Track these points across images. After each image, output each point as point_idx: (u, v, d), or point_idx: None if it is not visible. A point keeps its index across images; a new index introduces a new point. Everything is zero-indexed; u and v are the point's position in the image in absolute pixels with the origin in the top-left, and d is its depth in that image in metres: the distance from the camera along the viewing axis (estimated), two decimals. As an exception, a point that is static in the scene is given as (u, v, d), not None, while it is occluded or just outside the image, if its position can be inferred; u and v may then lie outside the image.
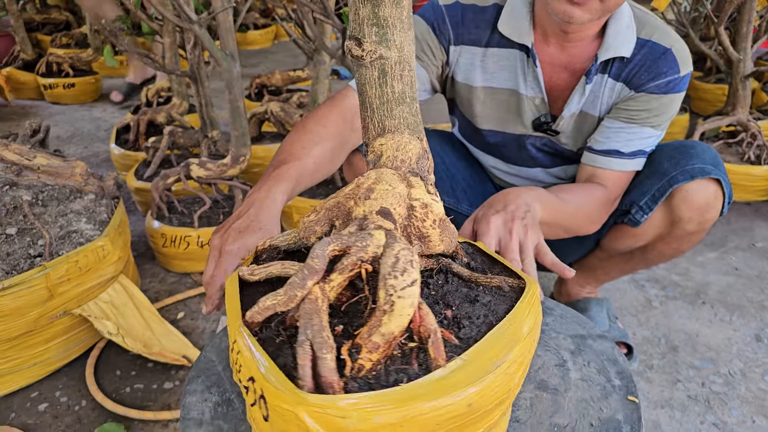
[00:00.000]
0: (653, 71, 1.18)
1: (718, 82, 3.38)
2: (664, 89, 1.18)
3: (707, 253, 2.06)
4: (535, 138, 1.34)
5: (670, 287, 1.86)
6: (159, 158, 2.23)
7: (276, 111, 2.36)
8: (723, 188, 1.21)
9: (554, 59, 1.24)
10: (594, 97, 1.24)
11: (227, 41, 1.81)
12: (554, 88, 1.27)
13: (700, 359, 1.55)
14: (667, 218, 1.27)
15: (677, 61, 1.17)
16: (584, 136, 1.30)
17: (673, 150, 1.25)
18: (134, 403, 1.39)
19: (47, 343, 1.42)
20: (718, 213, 1.24)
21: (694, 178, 1.20)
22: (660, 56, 1.17)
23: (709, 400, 1.41)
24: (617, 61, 1.20)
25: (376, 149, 0.66)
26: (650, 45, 1.18)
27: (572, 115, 1.27)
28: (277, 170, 1.04)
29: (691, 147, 1.24)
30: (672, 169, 1.21)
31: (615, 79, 1.22)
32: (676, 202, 1.23)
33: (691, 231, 1.26)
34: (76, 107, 3.86)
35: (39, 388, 1.43)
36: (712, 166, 1.20)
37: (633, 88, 1.20)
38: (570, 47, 1.21)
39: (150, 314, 1.54)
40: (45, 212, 1.51)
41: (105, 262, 1.47)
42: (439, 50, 1.27)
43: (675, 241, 1.31)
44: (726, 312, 1.74)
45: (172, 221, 1.89)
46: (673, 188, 1.21)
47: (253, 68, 4.89)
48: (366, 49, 0.61)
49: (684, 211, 1.23)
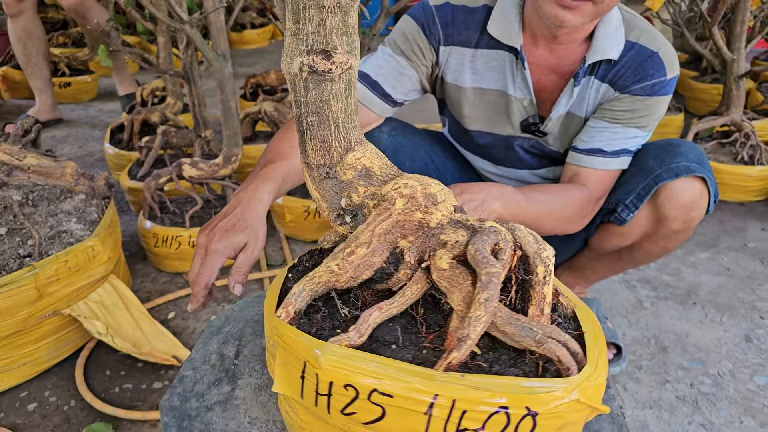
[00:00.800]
0: (639, 73, 1.18)
1: (714, 82, 3.38)
2: (650, 91, 1.18)
3: (699, 253, 2.07)
4: (522, 139, 1.35)
5: (661, 288, 1.86)
6: (152, 158, 2.22)
7: (269, 111, 2.36)
8: (708, 186, 1.21)
9: (543, 61, 1.24)
10: (581, 98, 1.24)
11: (219, 41, 1.81)
12: (542, 89, 1.27)
13: (689, 360, 1.55)
14: (652, 216, 1.27)
15: (664, 64, 1.17)
16: (570, 138, 1.30)
17: (658, 148, 1.25)
18: (123, 402, 1.39)
19: (37, 342, 1.42)
20: (704, 211, 1.25)
21: (678, 176, 1.20)
22: (647, 59, 1.18)
23: (697, 400, 1.41)
24: (604, 63, 1.20)
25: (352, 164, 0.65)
26: (637, 48, 1.18)
27: (560, 117, 1.28)
28: (264, 169, 1.05)
29: (677, 145, 1.24)
30: (657, 167, 1.21)
31: (601, 81, 1.22)
32: (661, 200, 1.23)
33: (677, 229, 1.27)
34: (72, 106, 3.86)
35: (28, 388, 1.43)
36: (697, 164, 1.20)
37: (618, 89, 1.20)
38: (559, 50, 1.22)
39: (140, 314, 1.55)
40: (35, 212, 1.51)
41: (95, 262, 1.48)
42: (429, 50, 1.27)
43: (662, 240, 1.31)
44: (716, 312, 1.75)
45: (164, 221, 1.89)
46: (658, 186, 1.21)
47: (250, 68, 4.89)
48: (337, 61, 0.59)
49: (669, 209, 1.23)
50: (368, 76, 1.25)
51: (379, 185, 0.64)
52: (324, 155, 0.64)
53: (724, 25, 2.87)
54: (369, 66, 1.26)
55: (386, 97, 1.26)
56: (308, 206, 2.02)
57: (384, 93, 1.26)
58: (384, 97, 1.26)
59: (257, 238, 0.94)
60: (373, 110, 1.27)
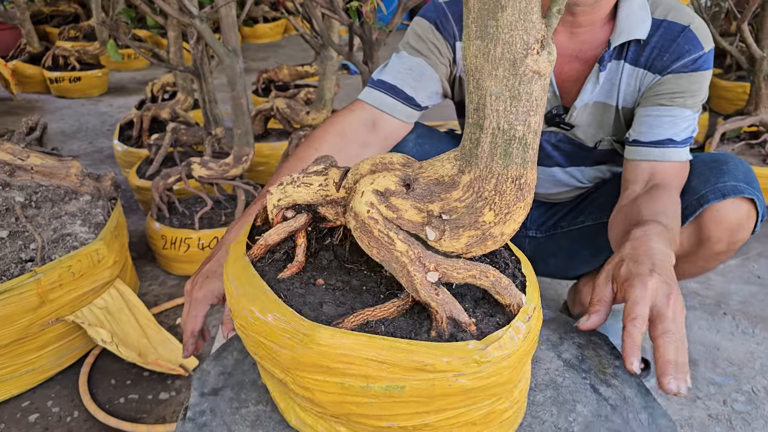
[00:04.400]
0: (676, 51, 1.10)
1: (739, 80, 3.28)
2: (692, 67, 1.10)
3: (728, 260, 1.98)
4: (549, 134, 1.27)
5: (689, 297, 1.78)
6: (161, 156, 2.17)
7: (282, 107, 2.30)
8: (757, 207, 1.13)
9: (564, 49, 1.17)
10: (610, 85, 1.17)
11: (230, 36, 1.75)
12: (566, 79, 1.19)
13: (721, 375, 1.47)
14: (694, 237, 1.18)
15: (698, 38, 1.09)
16: (603, 129, 1.22)
17: (702, 165, 1.16)
18: (128, 414, 1.33)
19: (39, 350, 1.37)
20: (750, 232, 1.16)
21: (726, 197, 1.10)
22: (679, 35, 1.10)
23: (731, 419, 1.34)
24: (633, 44, 1.12)
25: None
26: (666, 24, 1.10)
27: (585, 106, 1.20)
28: (252, 207, 1.02)
29: (723, 162, 1.15)
30: (701, 187, 1.12)
31: (633, 65, 1.14)
32: (705, 221, 1.14)
33: (719, 251, 1.18)
34: (82, 101, 3.82)
35: (31, 397, 1.38)
36: (745, 183, 1.11)
37: (657, 72, 1.12)
38: (580, 33, 1.14)
39: (146, 321, 1.49)
40: (38, 214, 1.45)
41: (100, 267, 1.42)
42: (445, 47, 1.20)
43: (701, 260, 1.22)
44: (748, 324, 1.66)
45: (172, 222, 1.84)
46: (704, 208, 1.12)
47: (262, 62, 4.82)
48: None
49: (714, 231, 1.14)
50: (386, 83, 1.18)
51: None
52: None
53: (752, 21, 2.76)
54: (386, 73, 1.19)
55: (409, 100, 1.19)
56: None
57: (406, 96, 1.18)
58: (407, 101, 1.19)
59: None
60: (398, 117, 1.19)
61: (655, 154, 1.13)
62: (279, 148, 2.38)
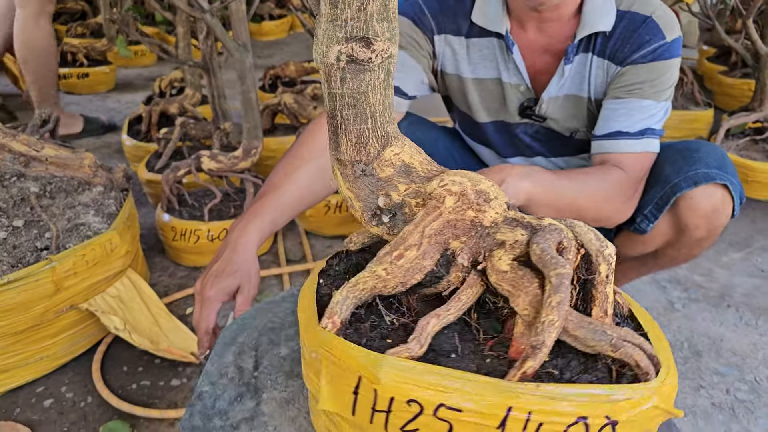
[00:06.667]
0: (635, 42, 1.11)
1: (744, 77, 3.29)
2: (651, 57, 1.11)
3: (732, 253, 2.00)
4: (525, 125, 1.30)
5: (693, 289, 1.80)
6: (170, 150, 2.19)
7: (289, 103, 2.32)
8: (731, 192, 1.14)
9: (533, 43, 1.19)
10: (580, 78, 1.19)
11: (240, 31, 1.77)
12: (537, 72, 1.22)
13: (724, 365, 1.49)
14: (674, 225, 1.20)
15: (660, 27, 1.10)
16: (578, 121, 1.24)
17: (675, 153, 1.18)
18: (141, 400, 1.36)
19: (54, 337, 1.39)
20: (728, 218, 1.17)
21: (697, 185, 1.12)
22: (640, 25, 1.11)
23: (734, 408, 1.36)
24: (600, 37, 1.14)
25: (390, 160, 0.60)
26: (630, 15, 1.12)
27: (556, 99, 1.22)
28: (254, 205, 1.06)
29: (695, 150, 1.17)
30: (674, 176, 1.14)
31: (600, 57, 1.16)
32: (681, 210, 1.16)
33: (700, 237, 1.20)
34: (90, 97, 3.85)
35: (45, 383, 1.40)
36: (717, 169, 1.12)
37: (618, 63, 1.14)
38: (547, 28, 1.17)
39: (158, 309, 1.51)
40: (52, 204, 1.48)
41: (113, 256, 1.44)
42: (425, 41, 1.24)
43: (685, 247, 1.24)
44: (752, 315, 1.68)
45: (182, 214, 1.86)
46: (677, 196, 1.14)
47: (268, 59, 4.85)
48: (377, 49, 0.54)
49: (690, 218, 1.16)
50: None
51: (421, 182, 0.59)
52: (360, 151, 0.59)
53: (758, 18, 2.78)
54: None
55: (396, 89, 1.22)
56: (329, 201, 1.98)
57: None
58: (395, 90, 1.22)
59: (250, 278, 0.97)
60: None
61: (605, 147, 1.15)
62: (286, 143, 2.41)
